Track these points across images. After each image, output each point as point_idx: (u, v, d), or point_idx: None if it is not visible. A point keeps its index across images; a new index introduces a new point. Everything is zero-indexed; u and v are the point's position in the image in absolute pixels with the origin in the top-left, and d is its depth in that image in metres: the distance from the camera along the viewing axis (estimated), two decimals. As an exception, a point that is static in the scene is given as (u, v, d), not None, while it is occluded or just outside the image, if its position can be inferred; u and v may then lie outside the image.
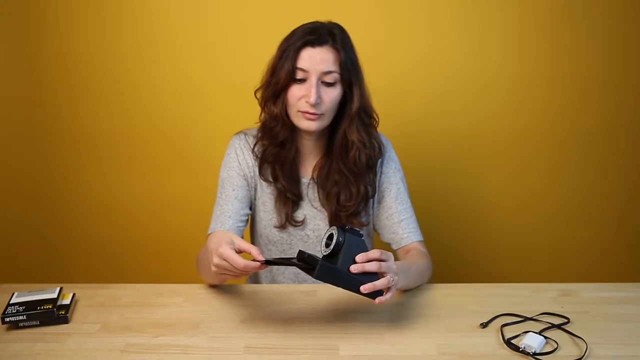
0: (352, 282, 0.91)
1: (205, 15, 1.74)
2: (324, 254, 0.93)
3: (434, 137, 1.84)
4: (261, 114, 1.21)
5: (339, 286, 0.92)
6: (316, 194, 1.24)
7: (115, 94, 1.81)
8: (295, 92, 1.12)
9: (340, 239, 0.91)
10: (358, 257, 0.92)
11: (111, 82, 1.80)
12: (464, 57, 1.77)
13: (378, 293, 0.93)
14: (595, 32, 1.74)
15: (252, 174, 1.24)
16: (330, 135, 1.21)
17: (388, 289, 0.94)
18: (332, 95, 1.12)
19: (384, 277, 0.93)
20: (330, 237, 0.93)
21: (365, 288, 0.90)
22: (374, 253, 0.93)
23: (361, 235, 0.95)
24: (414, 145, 1.80)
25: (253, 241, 1.34)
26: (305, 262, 0.94)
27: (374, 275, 0.92)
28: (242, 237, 1.26)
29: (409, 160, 1.41)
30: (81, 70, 1.79)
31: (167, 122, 1.84)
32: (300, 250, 0.98)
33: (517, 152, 1.86)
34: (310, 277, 1.26)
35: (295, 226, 1.23)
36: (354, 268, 0.91)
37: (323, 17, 1.19)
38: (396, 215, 1.24)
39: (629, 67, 1.77)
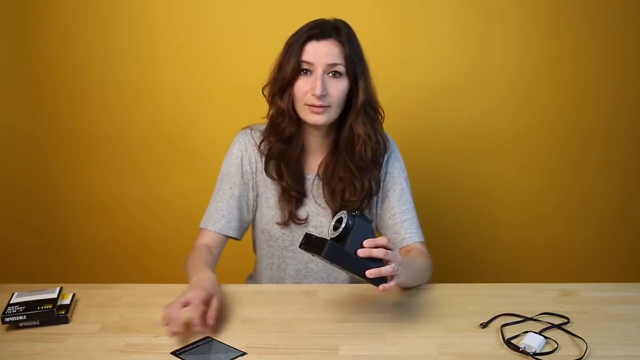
0: (358, 265, 0.92)
1: (205, 15, 1.75)
2: (331, 236, 0.93)
3: (433, 137, 1.84)
4: (269, 110, 1.22)
5: (344, 268, 0.92)
6: (321, 191, 1.24)
7: (115, 94, 1.82)
8: (301, 86, 1.13)
9: (350, 222, 0.92)
10: (366, 242, 0.92)
11: (111, 82, 1.80)
12: (464, 57, 1.77)
13: (382, 280, 0.93)
14: (595, 32, 1.74)
15: (255, 169, 1.24)
16: (337, 132, 1.22)
17: (392, 277, 0.94)
18: (339, 87, 1.13)
19: (389, 264, 0.93)
20: (340, 220, 0.93)
21: (371, 273, 0.91)
22: (382, 240, 0.93)
23: (370, 222, 0.95)
24: (412, 145, 1.80)
25: (255, 237, 1.34)
26: (313, 244, 0.94)
27: (379, 262, 0.93)
28: (239, 238, 1.27)
29: (406, 158, 1.40)
30: (81, 70, 1.79)
31: (167, 122, 1.84)
32: (307, 233, 0.98)
33: (517, 151, 1.86)
34: (310, 274, 1.27)
35: (298, 224, 1.24)
36: (361, 252, 0.92)
37: (323, 17, 1.18)
38: (399, 215, 1.24)
39: (629, 67, 1.77)
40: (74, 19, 1.75)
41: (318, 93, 1.10)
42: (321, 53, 1.12)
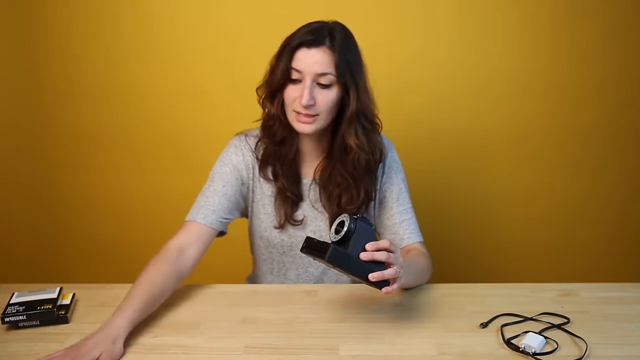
0: (361, 269, 0.92)
1: (205, 15, 1.74)
2: (333, 240, 0.93)
3: (432, 137, 1.84)
4: (262, 112, 1.21)
5: (347, 271, 0.92)
6: (318, 195, 1.23)
7: (116, 93, 1.82)
8: (291, 93, 1.11)
9: (352, 225, 0.92)
10: (368, 246, 0.92)
11: (111, 82, 1.80)
12: (464, 57, 1.77)
13: (384, 283, 0.93)
14: (595, 32, 1.74)
15: (251, 174, 1.22)
16: (332, 136, 1.20)
17: (394, 280, 0.94)
18: (327, 97, 1.10)
19: (391, 267, 0.93)
20: (341, 224, 0.93)
21: (373, 276, 0.91)
22: (384, 243, 0.93)
23: (371, 225, 0.95)
24: (411, 145, 1.80)
25: (252, 243, 1.33)
26: (315, 248, 0.94)
27: (381, 265, 0.93)
28: (225, 231, 1.22)
29: (406, 159, 1.41)
30: (81, 70, 1.79)
31: (168, 122, 1.84)
32: (308, 237, 0.98)
33: (517, 151, 1.86)
34: (311, 279, 1.27)
35: (295, 225, 1.22)
36: (363, 255, 0.91)
37: (322, 16, 1.18)
38: (397, 215, 1.23)
39: (629, 67, 1.77)
40: (74, 19, 1.75)
41: (304, 103, 1.08)
42: (311, 61, 1.08)
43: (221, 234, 1.22)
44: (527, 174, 1.88)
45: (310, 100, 1.08)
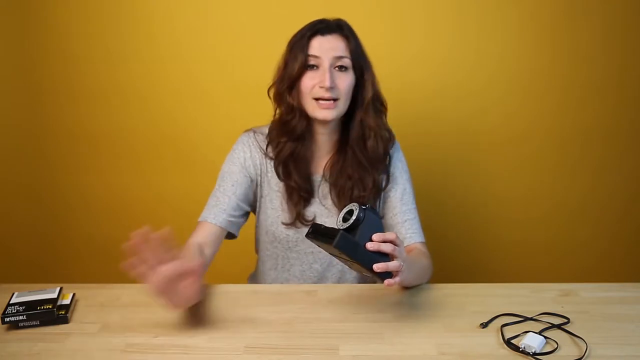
0: (366, 258, 0.92)
1: (205, 15, 1.75)
2: (340, 228, 0.93)
3: (432, 137, 1.84)
4: (275, 111, 1.22)
5: (352, 259, 0.92)
6: (326, 192, 1.24)
7: (116, 93, 1.82)
8: (308, 81, 1.14)
9: (361, 214, 0.92)
10: (375, 236, 0.92)
11: (112, 82, 1.80)
12: (464, 57, 1.77)
13: (387, 275, 0.93)
14: (595, 32, 1.74)
15: (259, 171, 1.24)
16: (341, 131, 1.22)
17: (397, 273, 0.94)
18: (346, 80, 1.15)
19: (395, 260, 0.93)
20: (350, 212, 0.93)
21: (378, 267, 0.91)
22: (391, 235, 0.93)
23: (379, 216, 0.95)
24: (411, 144, 1.80)
25: (257, 238, 1.34)
26: (322, 234, 0.94)
27: (385, 257, 0.93)
28: (236, 234, 1.24)
29: (407, 159, 1.41)
30: (82, 70, 1.80)
31: (168, 122, 1.84)
32: (314, 223, 0.98)
33: (517, 151, 1.86)
34: (315, 275, 1.27)
35: (305, 224, 1.23)
36: (370, 245, 0.92)
37: (322, 16, 1.19)
38: (400, 215, 1.24)
39: (629, 67, 1.78)
40: (74, 19, 1.75)
41: (327, 85, 1.11)
42: (327, 47, 1.13)
43: (231, 236, 1.24)
44: (527, 174, 1.88)
45: (332, 83, 1.12)
